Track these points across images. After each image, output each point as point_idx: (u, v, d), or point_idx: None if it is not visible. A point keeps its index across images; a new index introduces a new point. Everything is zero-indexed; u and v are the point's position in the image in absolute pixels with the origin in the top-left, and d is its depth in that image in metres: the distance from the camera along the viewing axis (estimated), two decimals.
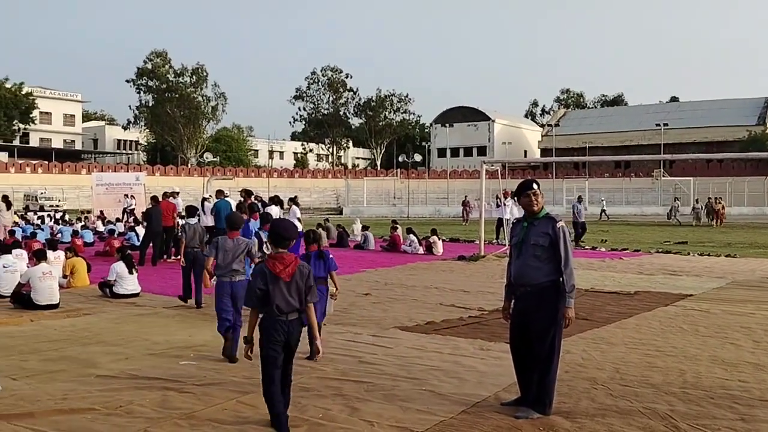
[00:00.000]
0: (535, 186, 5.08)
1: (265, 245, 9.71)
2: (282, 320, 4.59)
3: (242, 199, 14.24)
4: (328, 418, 4.96)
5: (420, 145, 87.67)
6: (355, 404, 5.29)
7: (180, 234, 11.07)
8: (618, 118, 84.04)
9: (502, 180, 23.27)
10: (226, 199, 16.21)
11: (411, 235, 19.45)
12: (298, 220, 15.75)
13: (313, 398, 5.45)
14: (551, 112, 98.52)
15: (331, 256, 7.06)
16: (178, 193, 20.96)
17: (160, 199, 17.91)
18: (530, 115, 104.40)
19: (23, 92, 68.13)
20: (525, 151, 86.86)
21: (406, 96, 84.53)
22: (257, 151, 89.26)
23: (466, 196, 43.43)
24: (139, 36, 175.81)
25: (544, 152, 79.66)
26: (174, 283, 11.92)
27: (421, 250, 18.92)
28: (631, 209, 55.03)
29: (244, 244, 7.07)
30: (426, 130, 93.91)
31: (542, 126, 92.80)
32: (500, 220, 22.78)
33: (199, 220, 11.37)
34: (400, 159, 73.06)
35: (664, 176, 57.10)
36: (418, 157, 73.86)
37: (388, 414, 5.04)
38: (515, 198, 5.36)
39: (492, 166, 23.95)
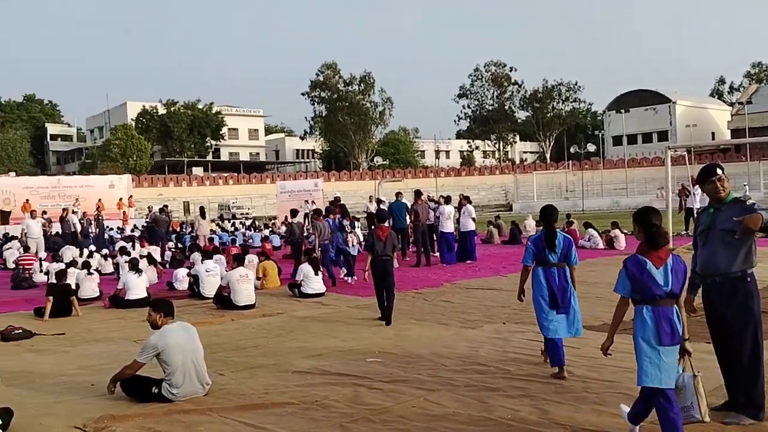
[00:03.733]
0: (719, 171, 4.65)
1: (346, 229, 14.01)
2: (379, 259, 8.91)
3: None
4: (517, 419, 4.85)
5: (592, 135, 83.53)
6: (544, 406, 5.13)
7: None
8: None
9: (689, 165, 21.49)
10: (402, 200, 16.57)
11: (590, 230, 18.60)
12: (473, 220, 15.70)
13: (500, 398, 5.37)
14: (741, 89, 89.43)
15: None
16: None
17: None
18: (716, 93, 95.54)
19: (213, 111, 74.83)
20: (713, 133, 79.57)
21: (575, 84, 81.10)
22: (424, 151, 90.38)
23: (681, 183, 39.62)
24: (311, 51, 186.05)
25: (735, 133, 72.32)
26: (353, 283, 12.47)
27: (601, 245, 18.03)
28: None
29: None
30: (598, 118, 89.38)
31: (731, 105, 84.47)
32: (689, 210, 21.09)
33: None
34: (572, 150, 70.16)
35: None
36: (591, 147, 70.55)
37: (581, 417, 4.82)
38: (698, 185, 4.90)
39: (676, 151, 22.19)
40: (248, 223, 33.99)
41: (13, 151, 68.22)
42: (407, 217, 16.64)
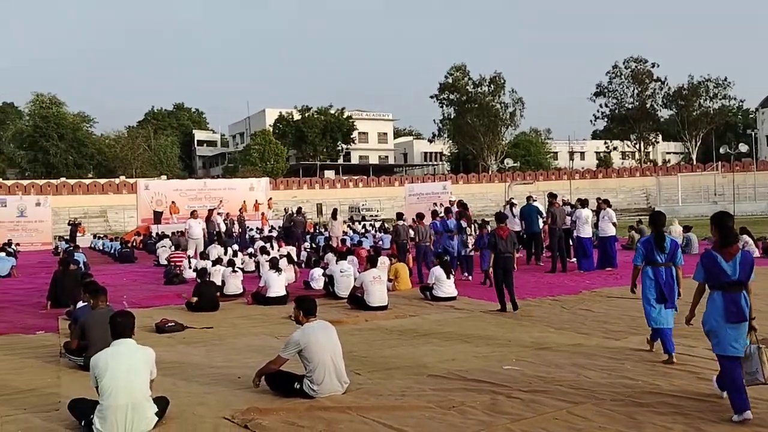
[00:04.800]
0: None
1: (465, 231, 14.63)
2: (502, 256, 9.78)
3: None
4: None
5: (744, 134, 77.27)
6: (701, 425, 4.75)
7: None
8: None
9: None
10: (534, 203, 16.13)
11: (745, 236, 17.15)
12: (614, 224, 14.96)
13: (650, 414, 5.04)
14: None
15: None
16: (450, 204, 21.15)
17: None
18: None
19: (345, 116, 76.99)
20: None
21: (725, 80, 75.50)
22: (556, 153, 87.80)
23: None
24: (440, 54, 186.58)
25: None
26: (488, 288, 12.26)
27: (757, 253, 16.59)
28: None
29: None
30: (751, 116, 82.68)
31: None
32: None
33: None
34: (721, 150, 65.20)
35: None
36: (743, 148, 65.24)
37: None
38: None
39: None
40: (378, 224, 34.56)
41: (165, 156, 73.91)
42: (540, 220, 16.19)
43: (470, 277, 14.09)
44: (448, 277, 11.33)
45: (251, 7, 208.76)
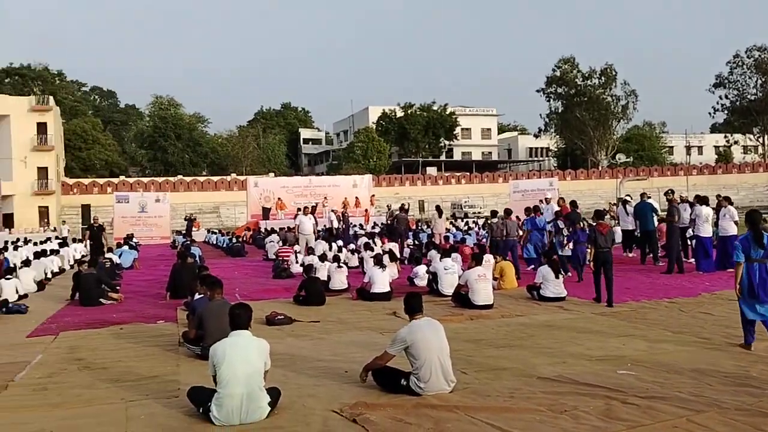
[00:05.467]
0: None
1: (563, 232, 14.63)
2: (602, 251, 10.27)
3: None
4: None
5: None
6: None
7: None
8: None
9: None
10: (648, 200, 15.38)
11: None
12: (735, 223, 13.98)
13: None
14: None
15: None
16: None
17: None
18: None
19: (447, 112, 76.60)
20: None
21: None
22: (672, 147, 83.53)
23: None
24: (546, 48, 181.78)
25: None
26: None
27: None
28: None
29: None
30: None
31: None
32: None
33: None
34: None
35: None
36: None
37: None
38: None
39: None
40: (481, 222, 34.15)
41: (273, 154, 76.49)
42: (655, 218, 15.42)
43: (568, 274, 13.62)
44: (557, 277, 10.98)
45: (356, 7, 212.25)
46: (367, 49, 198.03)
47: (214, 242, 31.34)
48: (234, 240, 28.25)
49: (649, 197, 16.11)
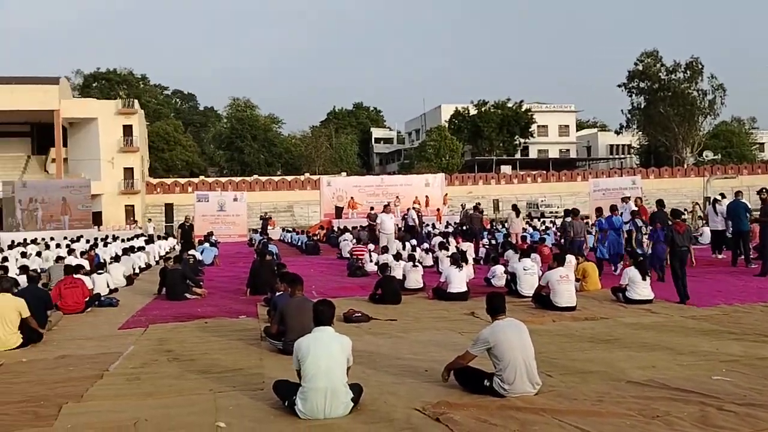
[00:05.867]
0: None
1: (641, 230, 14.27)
2: (679, 250, 10.43)
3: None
4: None
5: None
6: None
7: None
8: None
9: None
10: (742, 200, 14.65)
11: None
12: None
13: None
14: None
15: None
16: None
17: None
18: None
19: (522, 109, 75.27)
20: None
21: None
22: (762, 144, 79.35)
23: None
24: (627, 41, 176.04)
25: None
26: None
27: None
28: None
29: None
30: None
31: None
32: None
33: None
34: None
35: None
36: None
37: None
38: None
39: None
40: (559, 221, 33.38)
41: (345, 154, 77.34)
42: (748, 218, 14.66)
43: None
44: (644, 279, 10.55)
45: (429, 6, 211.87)
46: (439, 47, 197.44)
47: (290, 240, 31.92)
48: (309, 238, 28.69)
49: (742, 196, 15.36)
